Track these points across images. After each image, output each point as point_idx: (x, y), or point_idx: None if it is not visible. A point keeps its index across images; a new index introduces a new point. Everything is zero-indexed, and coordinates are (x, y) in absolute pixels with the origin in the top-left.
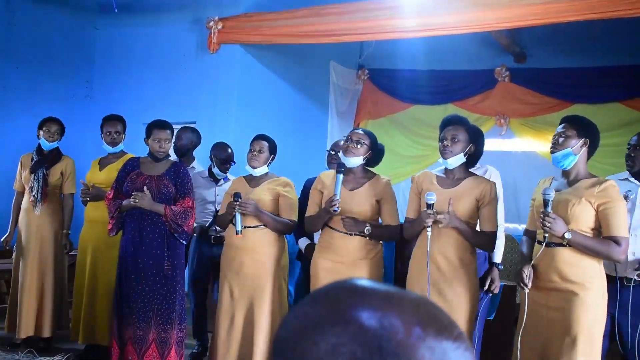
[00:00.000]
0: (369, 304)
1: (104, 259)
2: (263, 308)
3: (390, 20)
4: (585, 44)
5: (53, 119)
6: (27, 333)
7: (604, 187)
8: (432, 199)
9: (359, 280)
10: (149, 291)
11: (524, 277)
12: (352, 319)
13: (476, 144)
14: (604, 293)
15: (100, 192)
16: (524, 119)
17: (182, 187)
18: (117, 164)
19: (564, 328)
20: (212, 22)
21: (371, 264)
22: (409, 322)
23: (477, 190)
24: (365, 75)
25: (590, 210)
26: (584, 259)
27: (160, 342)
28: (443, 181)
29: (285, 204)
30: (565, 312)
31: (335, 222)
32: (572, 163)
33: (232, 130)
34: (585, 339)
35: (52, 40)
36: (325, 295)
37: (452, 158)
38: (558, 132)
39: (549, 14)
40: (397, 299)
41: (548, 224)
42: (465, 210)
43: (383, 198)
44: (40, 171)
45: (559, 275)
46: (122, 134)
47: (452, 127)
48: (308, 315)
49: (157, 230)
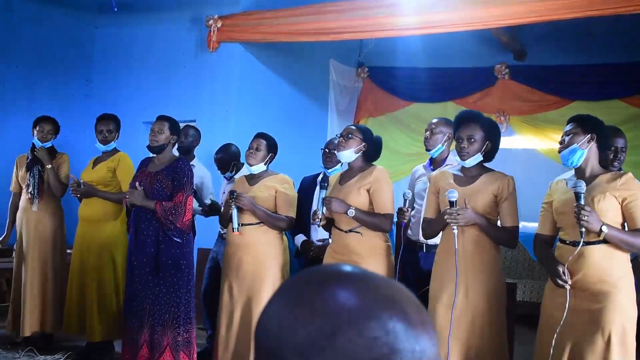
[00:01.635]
0: (332, 286)
1: (95, 256)
2: (261, 306)
3: (390, 17)
4: (585, 41)
5: (47, 118)
6: (33, 329)
7: (625, 179)
8: (455, 197)
9: (316, 267)
10: (141, 290)
11: (561, 275)
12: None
13: (492, 140)
14: (634, 290)
15: (90, 190)
16: (523, 116)
17: (177, 182)
18: (108, 162)
19: (596, 328)
20: (212, 21)
21: (378, 262)
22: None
23: (494, 185)
24: (364, 73)
25: (615, 205)
26: (614, 257)
27: (151, 344)
28: (460, 179)
29: (282, 200)
30: (597, 312)
31: (337, 220)
32: (581, 159)
33: (232, 128)
34: (620, 339)
35: (52, 39)
36: (289, 288)
37: (471, 159)
38: (564, 132)
39: (549, 11)
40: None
41: (585, 218)
42: (483, 206)
43: (373, 186)
44: (36, 168)
45: (591, 275)
46: (115, 132)
47: (468, 125)
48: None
49: (151, 228)
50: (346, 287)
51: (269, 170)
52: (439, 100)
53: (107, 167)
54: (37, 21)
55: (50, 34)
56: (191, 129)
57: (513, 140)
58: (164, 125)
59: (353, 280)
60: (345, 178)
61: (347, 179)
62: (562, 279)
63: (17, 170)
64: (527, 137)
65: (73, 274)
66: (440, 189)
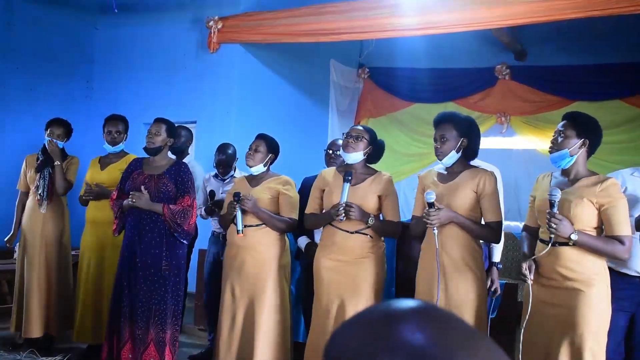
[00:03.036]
0: (410, 323)
1: (110, 260)
2: (263, 307)
3: (391, 18)
4: (586, 41)
5: (59, 121)
6: (38, 333)
7: (605, 186)
8: (432, 198)
9: (395, 301)
10: (147, 291)
11: (523, 270)
12: (397, 343)
13: (468, 136)
14: (608, 288)
15: (104, 191)
16: (524, 116)
17: (182, 185)
18: (119, 164)
19: (569, 325)
20: (212, 22)
21: (374, 262)
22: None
23: (473, 181)
24: (365, 73)
25: (592, 210)
26: (588, 257)
27: (158, 342)
28: (443, 177)
29: (285, 202)
30: (571, 309)
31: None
32: (569, 163)
33: (232, 129)
34: (593, 335)
35: (52, 40)
36: (368, 321)
37: (446, 157)
38: (558, 130)
39: (550, 12)
40: (432, 316)
41: (554, 225)
42: (463, 202)
43: (385, 194)
44: (47, 170)
45: (563, 274)
46: (123, 133)
47: (440, 126)
48: (356, 344)
49: (156, 230)
50: (423, 327)
51: (270, 172)
52: (440, 101)
53: (119, 169)
54: (38, 22)
55: (51, 35)
56: (183, 130)
57: (514, 140)
58: (161, 128)
59: (432, 319)
60: (353, 180)
61: (355, 181)
62: (523, 274)
63: (26, 170)
64: (527, 137)
65: (83, 278)
66: (425, 187)
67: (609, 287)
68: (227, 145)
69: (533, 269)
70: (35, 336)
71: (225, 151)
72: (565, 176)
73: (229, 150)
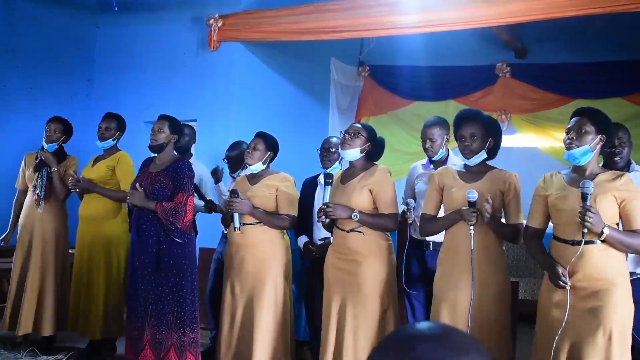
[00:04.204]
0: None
1: (96, 255)
2: (262, 305)
3: (391, 16)
4: (586, 39)
5: (56, 119)
6: (26, 331)
7: (624, 180)
8: (474, 197)
9: (416, 325)
10: (144, 290)
11: (561, 276)
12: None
13: (494, 137)
14: (629, 288)
15: (89, 186)
16: (525, 114)
17: (178, 182)
18: (108, 161)
19: (597, 326)
20: (213, 20)
21: (375, 259)
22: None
23: (501, 182)
24: (366, 71)
25: (614, 205)
26: (612, 255)
27: (154, 344)
28: (464, 176)
29: (283, 199)
30: (597, 310)
31: (338, 220)
32: (587, 159)
33: (233, 127)
34: (620, 335)
35: (53, 39)
36: (392, 344)
37: (475, 157)
38: (575, 125)
39: (550, 9)
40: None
41: (590, 220)
42: (493, 203)
43: (376, 186)
44: (45, 170)
45: (590, 274)
46: (113, 131)
47: (469, 124)
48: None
49: (153, 228)
50: (444, 347)
51: (270, 169)
52: (440, 99)
53: (107, 165)
54: (38, 21)
55: (52, 33)
56: (186, 128)
57: (514, 138)
58: (164, 125)
59: (453, 341)
60: (347, 177)
61: (349, 178)
62: (563, 281)
63: (25, 168)
64: (528, 135)
65: (76, 273)
66: (445, 186)
67: (629, 287)
68: (237, 143)
69: (567, 274)
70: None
71: (234, 149)
72: (576, 173)
73: (238, 148)
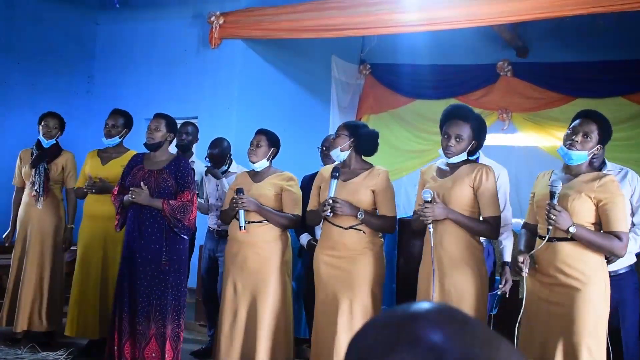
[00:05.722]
0: (430, 321)
1: (112, 254)
2: (266, 303)
3: (392, 14)
4: (588, 38)
5: (52, 114)
6: (23, 327)
7: (603, 182)
8: (428, 196)
9: (415, 303)
10: (147, 286)
11: (519, 263)
12: (417, 338)
13: (479, 139)
14: (607, 286)
15: (106, 185)
16: (526, 113)
17: (182, 180)
18: (121, 160)
19: (566, 324)
20: (214, 17)
21: (370, 258)
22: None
23: (470, 176)
24: (367, 70)
25: (589, 205)
26: (586, 254)
27: (159, 337)
28: (442, 172)
29: (288, 199)
30: (568, 307)
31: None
32: (580, 162)
33: (234, 125)
34: (591, 335)
35: (53, 35)
36: (390, 319)
37: (455, 157)
38: (582, 128)
39: (552, 8)
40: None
41: (554, 217)
42: (460, 198)
43: (379, 188)
44: (42, 166)
45: (561, 270)
46: (121, 128)
47: (457, 123)
48: (377, 339)
49: (156, 225)
50: (443, 325)
51: (273, 168)
52: (441, 97)
53: (121, 164)
54: (39, 18)
55: (52, 30)
56: (190, 126)
57: (515, 137)
58: (161, 123)
59: (452, 318)
60: (346, 175)
61: (349, 176)
62: (519, 267)
63: (21, 165)
64: (529, 134)
65: (89, 273)
66: (425, 182)
67: (607, 284)
68: (219, 140)
69: (528, 263)
70: (21, 330)
71: (215, 146)
72: (567, 172)
73: (219, 145)
